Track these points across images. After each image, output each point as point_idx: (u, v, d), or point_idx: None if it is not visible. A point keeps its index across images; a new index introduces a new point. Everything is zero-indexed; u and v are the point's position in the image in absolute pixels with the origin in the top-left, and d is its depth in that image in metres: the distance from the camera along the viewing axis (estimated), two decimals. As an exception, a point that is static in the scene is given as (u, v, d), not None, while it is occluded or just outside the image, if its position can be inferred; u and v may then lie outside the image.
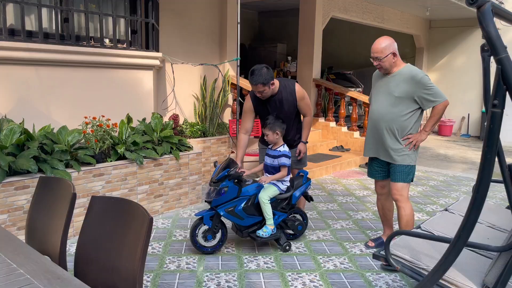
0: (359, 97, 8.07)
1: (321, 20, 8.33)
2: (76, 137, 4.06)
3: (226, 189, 3.50)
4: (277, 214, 3.72)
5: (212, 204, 3.52)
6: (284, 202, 3.76)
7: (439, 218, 3.01)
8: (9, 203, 3.47)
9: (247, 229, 3.67)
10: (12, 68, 4.02)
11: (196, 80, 6.28)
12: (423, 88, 3.31)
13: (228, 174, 3.48)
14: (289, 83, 3.86)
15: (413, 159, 3.46)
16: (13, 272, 1.63)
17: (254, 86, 3.63)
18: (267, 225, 3.63)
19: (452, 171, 7.39)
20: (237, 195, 3.57)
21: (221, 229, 3.66)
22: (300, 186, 3.85)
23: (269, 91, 3.68)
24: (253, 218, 3.65)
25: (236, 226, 3.69)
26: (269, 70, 3.64)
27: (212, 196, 3.50)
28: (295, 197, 3.81)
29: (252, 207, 3.63)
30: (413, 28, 11.47)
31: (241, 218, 3.59)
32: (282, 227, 3.83)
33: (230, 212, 3.53)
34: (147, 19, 5.15)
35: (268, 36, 13.35)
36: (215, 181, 3.49)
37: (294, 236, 4.00)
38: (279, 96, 3.77)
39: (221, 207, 3.52)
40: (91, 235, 2.06)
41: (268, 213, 3.61)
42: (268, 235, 3.62)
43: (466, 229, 1.82)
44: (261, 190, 3.65)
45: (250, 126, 3.90)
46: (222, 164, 3.56)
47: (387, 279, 3.30)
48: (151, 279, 3.19)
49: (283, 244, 3.73)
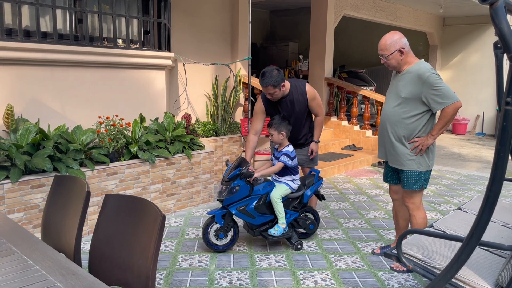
0: (371, 95, 8.02)
1: (333, 18, 8.30)
2: (90, 136, 4.12)
3: (237, 187, 3.51)
4: (289, 213, 3.72)
5: (224, 203, 3.54)
6: (296, 201, 3.77)
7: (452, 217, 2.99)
8: (25, 201, 3.53)
9: (258, 228, 3.68)
10: (27, 68, 4.09)
11: (208, 79, 6.31)
12: (430, 88, 3.01)
13: (239, 173, 3.49)
14: (299, 83, 3.85)
15: (422, 164, 3.17)
16: (29, 268, 1.67)
17: (265, 88, 3.64)
18: (279, 224, 3.64)
19: (466, 170, 7.30)
20: (248, 193, 3.58)
21: (233, 227, 3.68)
22: (311, 185, 3.85)
23: (279, 93, 3.69)
24: (264, 216, 3.66)
25: (247, 224, 3.70)
26: (279, 72, 3.64)
27: (223, 195, 3.52)
28: (306, 196, 3.81)
29: (263, 206, 3.64)
30: (426, 25, 11.35)
31: (253, 217, 3.60)
32: (294, 226, 3.84)
33: (242, 211, 3.55)
34: (159, 19, 5.19)
35: (279, 35, 13.34)
36: (227, 180, 3.51)
37: (305, 235, 4.00)
38: (290, 97, 3.78)
39: (232, 205, 3.54)
40: (105, 233, 2.09)
41: (280, 211, 3.62)
42: (280, 234, 3.63)
43: (479, 228, 1.81)
44: (273, 189, 3.66)
45: (260, 127, 3.89)
46: (234, 163, 3.57)
47: (400, 278, 3.28)
48: (163, 276, 3.22)
49: (295, 243, 3.74)
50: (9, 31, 4.07)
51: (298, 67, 10.95)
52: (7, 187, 3.41)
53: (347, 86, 8.30)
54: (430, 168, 3.22)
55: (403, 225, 3.57)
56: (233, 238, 3.71)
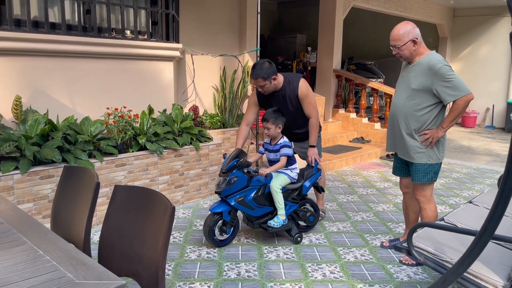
0: (380, 87, 7.95)
1: (342, 9, 8.21)
2: (99, 128, 4.12)
3: (235, 178, 3.46)
4: (288, 205, 3.67)
5: (222, 195, 3.48)
6: (295, 192, 3.72)
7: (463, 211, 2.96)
8: (34, 192, 3.55)
9: (258, 220, 3.63)
10: (36, 59, 4.09)
11: (215, 71, 6.28)
12: (441, 80, 2.96)
13: (237, 164, 3.45)
14: (294, 78, 3.77)
15: (432, 157, 3.13)
16: (40, 258, 1.67)
17: (255, 80, 3.61)
18: (278, 215, 3.59)
19: (475, 163, 7.24)
20: (247, 184, 3.54)
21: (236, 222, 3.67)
22: (310, 176, 3.79)
23: (270, 86, 3.64)
24: (264, 208, 3.61)
25: (247, 216, 3.65)
26: (271, 65, 3.61)
27: (222, 186, 3.46)
28: (305, 188, 3.76)
29: (262, 197, 3.59)
30: (436, 17, 11.20)
31: (252, 208, 3.55)
32: (294, 218, 3.78)
33: (241, 202, 3.49)
34: (167, 10, 5.16)
35: (287, 27, 13.24)
36: (225, 171, 3.45)
37: (305, 228, 3.95)
38: (282, 92, 3.73)
39: (231, 197, 3.49)
40: (114, 224, 2.09)
41: (280, 202, 3.57)
42: (279, 226, 3.58)
43: (492, 222, 1.78)
44: (271, 179, 3.61)
45: (252, 119, 3.92)
46: (231, 155, 3.53)
47: (409, 272, 3.26)
48: (172, 267, 3.23)
49: (295, 235, 3.69)
50: (17, 21, 4.06)
51: (306, 59, 10.88)
52: (16, 178, 3.43)
53: (355, 78, 8.24)
54: (440, 161, 3.18)
55: (413, 218, 3.54)
56: (233, 232, 3.68)
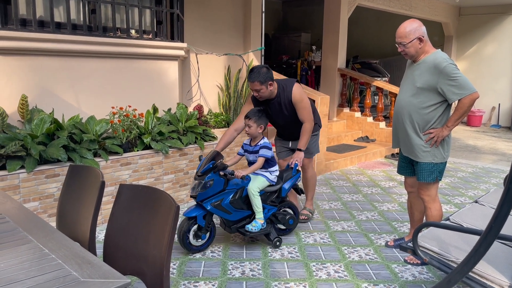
0: (385, 86, 7.92)
1: (346, 8, 8.19)
2: (104, 127, 4.14)
3: (211, 182, 3.30)
4: (267, 208, 3.55)
5: (197, 199, 3.33)
6: (274, 195, 3.61)
7: (469, 210, 2.95)
8: (40, 191, 3.57)
9: (235, 224, 3.47)
10: (41, 59, 4.11)
11: (220, 70, 6.28)
12: (447, 78, 2.95)
13: (213, 166, 3.31)
14: (288, 82, 3.74)
15: (437, 156, 3.12)
16: (45, 257, 1.68)
17: (252, 84, 3.58)
18: (256, 219, 3.46)
19: (481, 163, 7.20)
20: (223, 188, 3.38)
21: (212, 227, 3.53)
22: (289, 178, 3.69)
23: (266, 92, 3.61)
24: (241, 212, 3.46)
25: (224, 221, 3.47)
26: (268, 71, 3.58)
27: (197, 190, 3.31)
28: (284, 190, 3.65)
29: (240, 201, 3.44)
30: (442, 15, 11.15)
31: (229, 212, 3.40)
32: (273, 221, 3.65)
33: (217, 206, 3.34)
34: (172, 10, 5.17)
35: (292, 26, 13.22)
36: (200, 174, 3.32)
37: (285, 232, 3.81)
38: (278, 99, 3.72)
39: (207, 201, 3.33)
40: (119, 223, 2.10)
41: (258, 206, 3.43)
42: (257, 230, 3.44)
43: (498, 221, 1.77)
44: (249, 182, 3.47)
45: (241, 126, 3.71)
46: (207, 157, 3.40)
47: (414, 271, 3.25)
48: (177, 266, 3.24)
49: (273, 240, 3.57)
50: (23, 21, 4.08)
51: (311, 58, 10.87)
52: (22, 177, 3.45)
53: (360, 77, 8.22)
54: (445, 160, 3.17)
55: (418, 217, 3.53)
56: (210, 237, 3.52)
